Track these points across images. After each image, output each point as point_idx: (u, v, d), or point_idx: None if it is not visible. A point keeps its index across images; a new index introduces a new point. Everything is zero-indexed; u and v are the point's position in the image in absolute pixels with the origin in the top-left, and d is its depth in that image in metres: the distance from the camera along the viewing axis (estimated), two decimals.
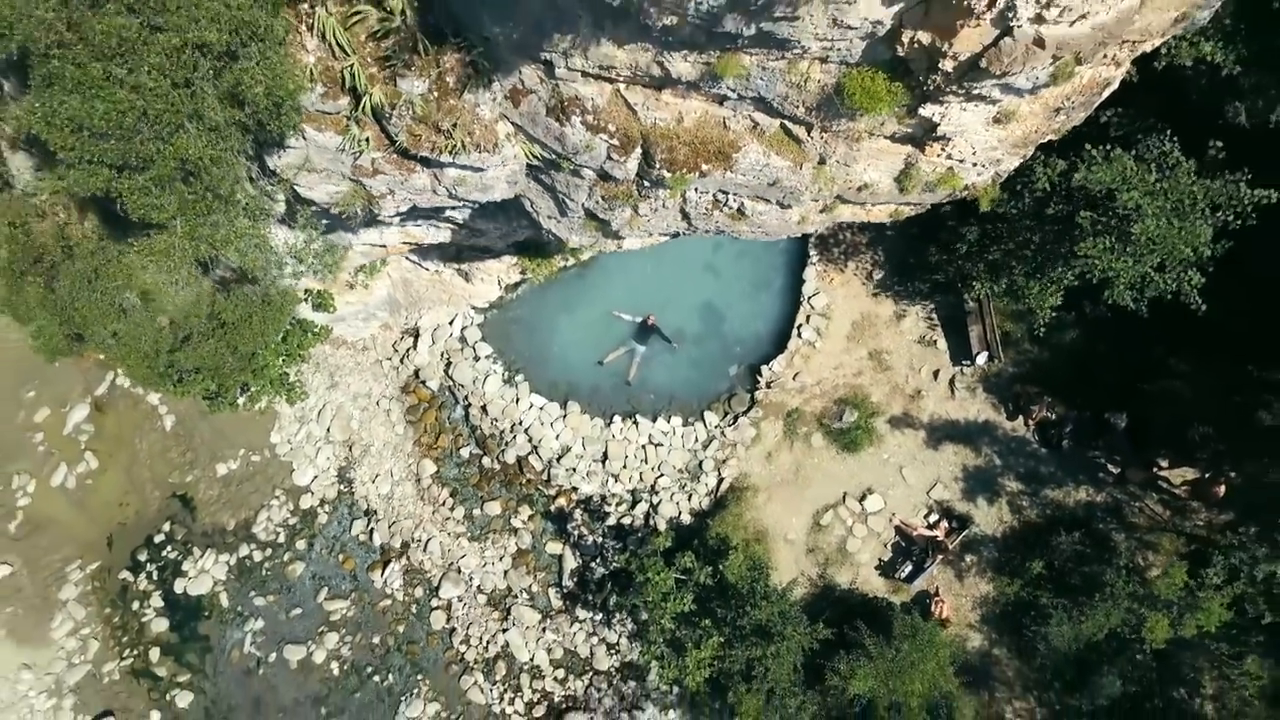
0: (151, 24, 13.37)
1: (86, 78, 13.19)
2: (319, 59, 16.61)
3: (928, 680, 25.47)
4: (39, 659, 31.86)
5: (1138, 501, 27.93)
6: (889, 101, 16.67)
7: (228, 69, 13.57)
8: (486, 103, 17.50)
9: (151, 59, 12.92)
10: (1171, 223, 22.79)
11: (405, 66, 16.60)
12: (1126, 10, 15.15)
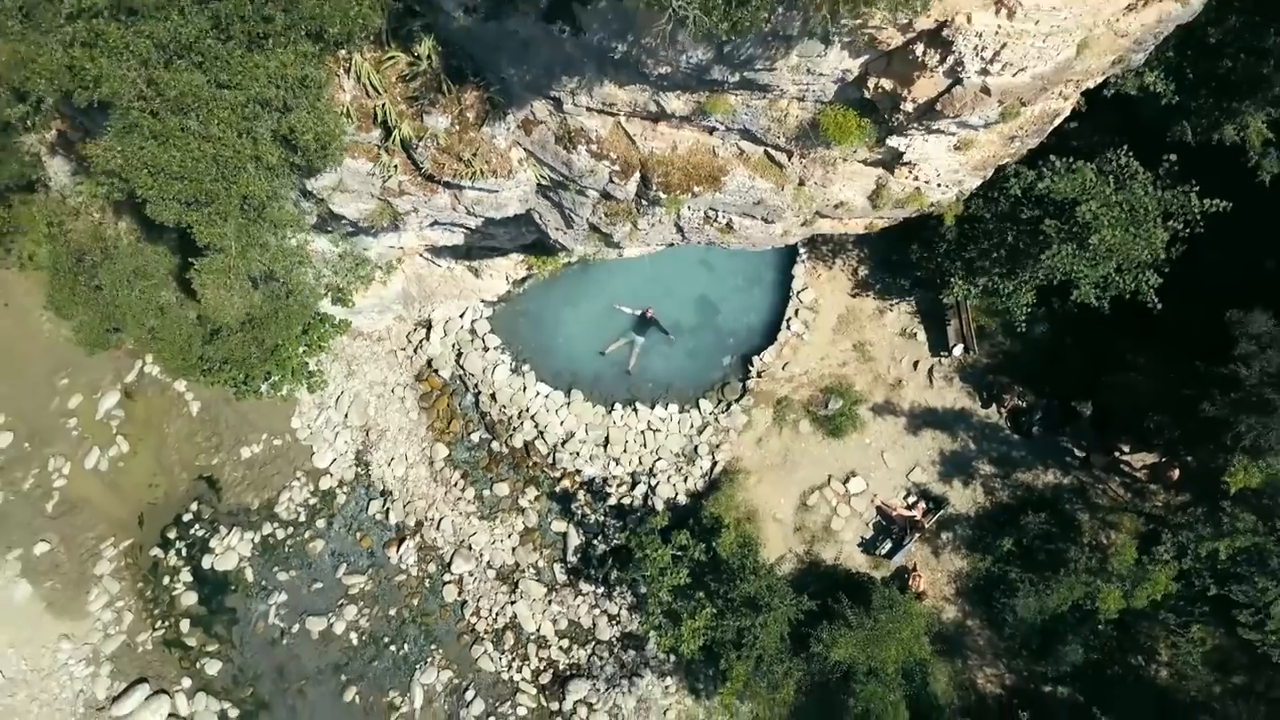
0: (218, 81, 16.00)
1: (164, 129, 15.84)
2: (354, 98, 19.25)
3: (903, 648, 28.35)
4: (77, 630, 34.75)
5: (1101, 484, 30.74)
6: (859, 134, 19.31)
7: (283, 119, 16.19)
8: (502, 133, 20.15)
9: (220, 114, 15.56)
10: (1128, 231, 25.40)
11: (431, 104, 19.23)
12: (1064, 61, 17.78)
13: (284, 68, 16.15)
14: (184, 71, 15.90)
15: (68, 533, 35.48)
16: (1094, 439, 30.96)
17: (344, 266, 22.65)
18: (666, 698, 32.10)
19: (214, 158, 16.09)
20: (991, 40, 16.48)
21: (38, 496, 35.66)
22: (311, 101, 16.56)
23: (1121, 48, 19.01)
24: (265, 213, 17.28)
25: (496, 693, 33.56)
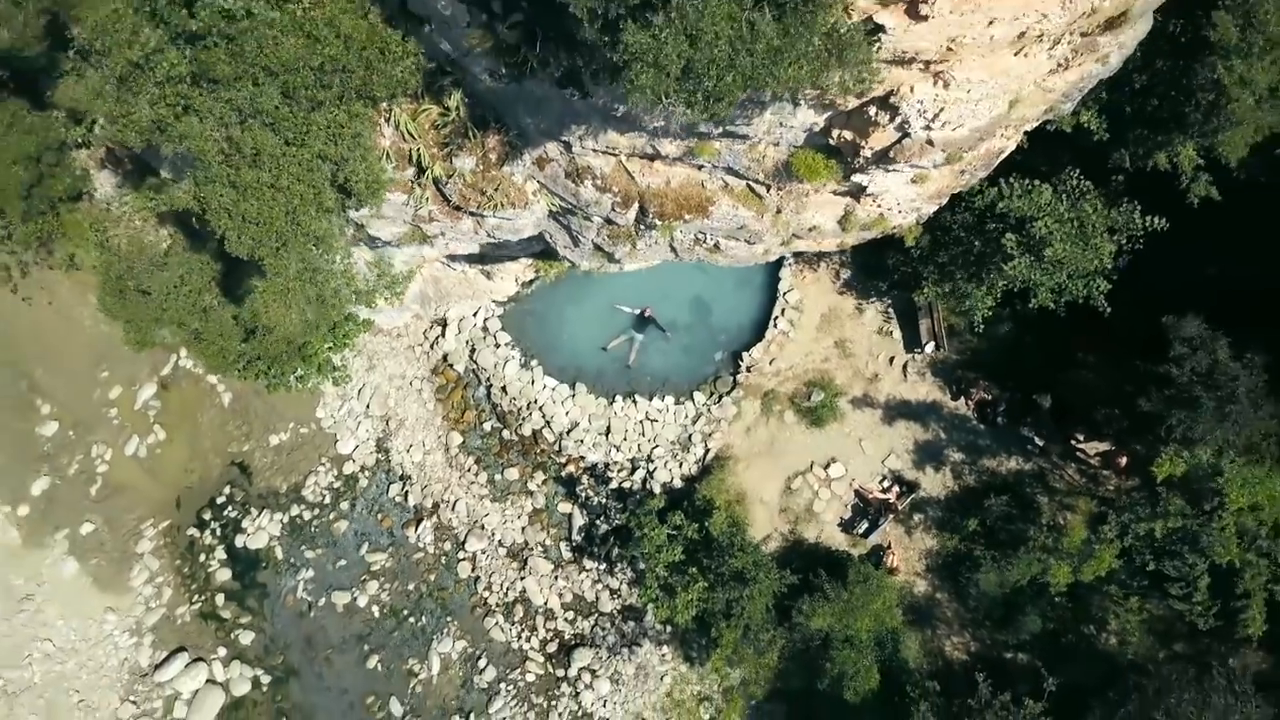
0: (286, 139, 19.92)
1: (242, 180, 19.77)
2: (392, 142, 23.19)
3: (876, 618, 32.50)
4: (121, 603, 38.95)
5: (1058, 470, 34.81)
6: (827, 173, 23.29)
7: (339, 169, 20.13)
8: (519, 171, 24.09)
9: (290, 168, 19.48)
10: (1077, 244, 29.31)
11: (459, 147, 23.16)
12: (996, 117, 21.73)
13: (340, 127, 20.03)
14: (258, 131, 19.79)
15: (110, 514, 39.58)
16: (1052, 429, 34.97)
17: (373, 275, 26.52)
18: (663, 664, 36.27)
19: (285, 205, 19.98)
20: (931, 105, 20.37)
21: (82, 481, 39.75)
22: (363, 154, 20.47)
23: (1050, 100, 22.95)
24: (321, 245, 21.22)
25: (507, 660, 37.72)
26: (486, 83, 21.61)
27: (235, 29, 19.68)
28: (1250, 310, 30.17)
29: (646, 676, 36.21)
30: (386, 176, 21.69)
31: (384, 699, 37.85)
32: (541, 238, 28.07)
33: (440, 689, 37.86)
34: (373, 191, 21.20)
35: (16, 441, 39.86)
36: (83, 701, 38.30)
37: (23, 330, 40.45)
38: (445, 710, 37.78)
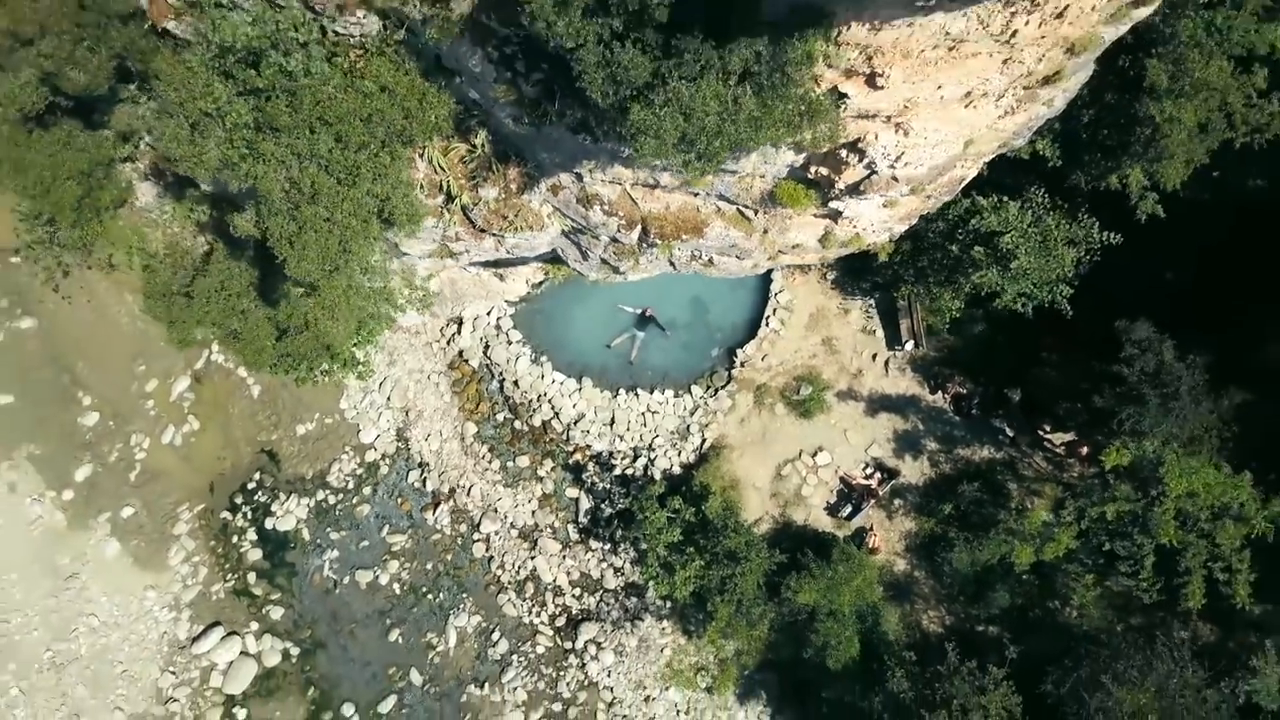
0: (338, 179, 24.01)
1: (301, 216, 23.86)
2: (425, 174, 27.27)
3: (857, 594, 36.70)
4: (160, 581, 43.27)
5: (1027, 458, 39.04)
6: (807, 201, 27.39)
7: (385, 205, 24.23)
8: (536, 198, 28.19)
9: (344, 206, 23.58)
10: (1040, 256, 33.38)
11: (483, 179, 27.25)
12: (953, 156, 25.82)
13: (384, 168, 24.11)
14: (316, 172, 23.87)
15: (149, 498, 43.87)
16: (1021, 421, 39.20)
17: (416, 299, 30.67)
18: (663, 637, 40.64)
19: (339, 236, 24.07)
20: (894, 149, 24.46)
21: (122, 467, 44.03)
22: (404, 191, 24.56)
23: (1003, 137, 27.04)
24: (368, 271, 25.33)
25: (519, 634, 42.07)
26: (509, 126, 25.68)
27: (295, 85, 23.71)
28: (1196, 315, 34.22)
29: (648, 648, 40.51)
30: (424, 209, 25.77)
31: (404, 669, 42.15)
32: (554, 250, 32.13)
33: (457, 660, 42.14)
34: (412, 222, 25.32)
35: (60, 431, 44.08)
36: (126, 672, 42.60)
37: (65, 327, 44.65)
38: (461, 680, 42.08)
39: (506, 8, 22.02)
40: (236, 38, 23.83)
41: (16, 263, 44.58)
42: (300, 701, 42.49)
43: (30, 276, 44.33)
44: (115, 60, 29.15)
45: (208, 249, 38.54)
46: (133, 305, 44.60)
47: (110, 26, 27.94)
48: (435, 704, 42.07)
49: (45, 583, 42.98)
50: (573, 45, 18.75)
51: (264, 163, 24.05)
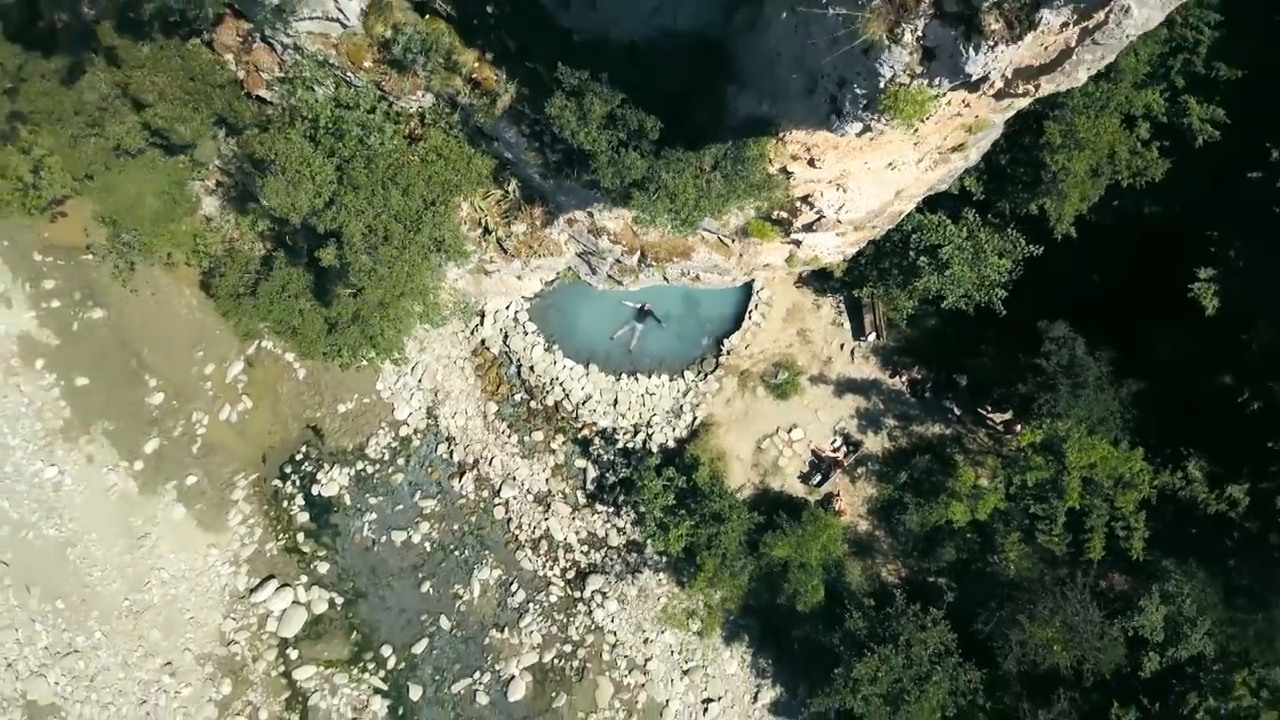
0: (405, 225, 33.33)
1: (379, 256, 33.13)
2: (468, 213, 36.62)
3: (823, 549, 46.32)
4: (220, 540, 52.91)
5: (971, 434, 48.60)
6: (773, 234, 36.78)
7: (441, 244, 33.59)
8: (556, 230, 37.58)
9: (412, 248, 32.92)
10: (974, 266, 42.61)
11: (514, 217, 36.64)
12: (887, 201, 35.12)
13: (441, 217, 33.44)
14: (388, 220, 33.17)
15: (209, 468, 53.38)
16: (967, 402, 48.75)
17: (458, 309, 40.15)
18: (659, 587, 50.44)
19: (406, 269, 33.37)
20: (836, 201, 33.84)
21: (185, 441, 53.49)
22: (455, 233, 33.91)
23: (929, 183, 36.37)
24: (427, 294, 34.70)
25: (534, 585, 51.82)
26: (536, 179, 35.00)
27: (370, 153, 32.96)
28: (1104, 316, 43.55)
29: (646, 597, 50.34)
30: (469, 244, 35.13)
31: (435, 616, 51.96)
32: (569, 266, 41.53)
33: (480, 608, 51.94)
34: (461, 255, 34.68)
35: (130, 409, 53.50)
36: (193, 618, 52.39)
37: (132, 317, 53.87)
38: (484, 625, 51.89)
39: (537, 101, 31.24)
40: (320, 111, 33.04)
41: (87, 259, 53.59)
42: (345, 644, 52.33)
43: (99, 272, 53.35)
44: (215, 118, 38.26)
45: (264, 253, 47.81)
46: (190, 298, 53.80)
47: (213, 93, 37.04)
48: (461, 646, 51.87)
49: (121, 542, 52.55)
50: (589, 149, 28.01)
51: (346, 211, 33.32)
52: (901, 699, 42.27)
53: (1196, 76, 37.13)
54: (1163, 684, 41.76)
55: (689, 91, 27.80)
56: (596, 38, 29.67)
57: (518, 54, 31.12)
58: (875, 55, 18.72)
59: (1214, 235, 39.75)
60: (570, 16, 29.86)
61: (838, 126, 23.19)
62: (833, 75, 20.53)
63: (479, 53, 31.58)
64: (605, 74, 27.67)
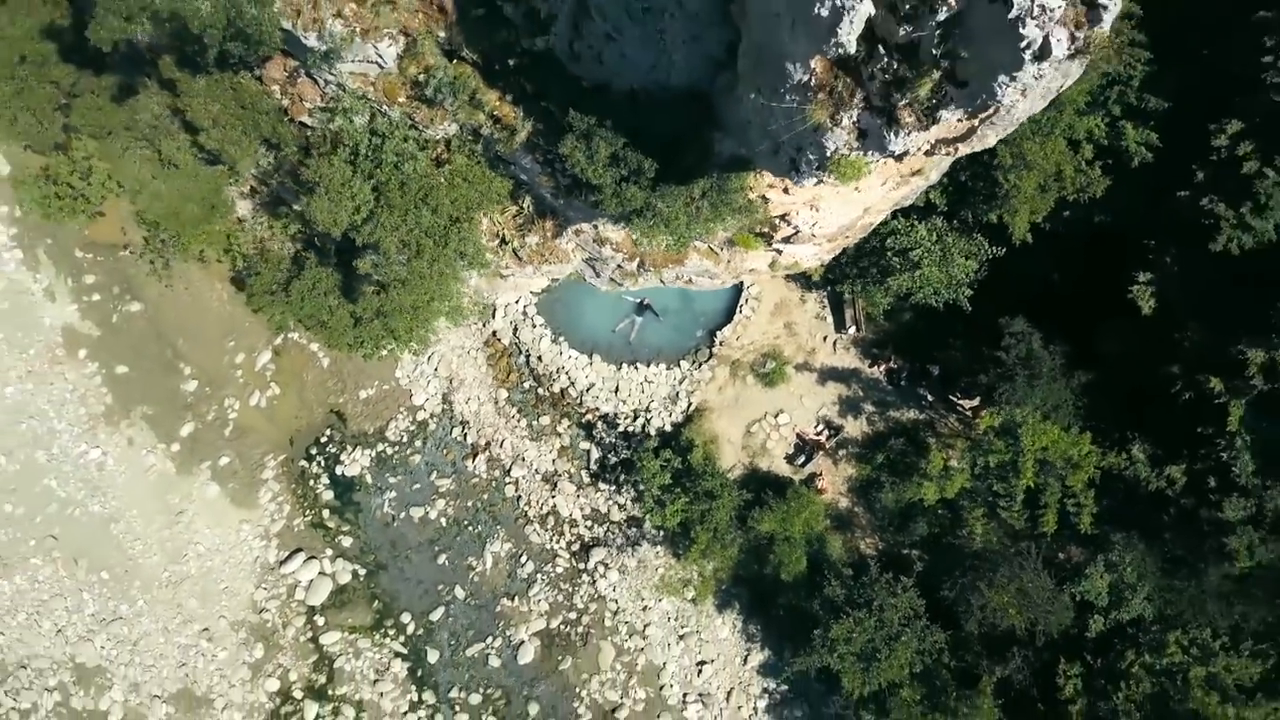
0: (435, 241, 39.93)
1: (412, 268, 39.71)
2: (487, 227, 43.24)
3: (806, 524, 53.12)
4: (252, 516, 59.77)
5: (943, 419, 55.32)
6: (757, 244, 43.44)
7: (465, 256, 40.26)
8: (565, 240, 44.19)
9: (442, 260, 39.52)
10: (942, 267, 49.23)
11: (528, 230, 43.27)
12: (856, 217, 41.76)
13: (465, 232, 40.04)
14: (420, 235, 39.73)
15: (241, 450, 60.18)
16: (939, 390, 55.49)
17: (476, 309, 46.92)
18: (657, 559, 57.32)
19: (436, 278, 39.97)
20: (810, 219, 40.45)
21: (218, 425, 60.28)
22: (477, 245, 40.53)
23: (895, 200, 42.92)
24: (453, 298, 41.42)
25: (542, 557, 58.70)
26: (548, 198, 41.56)
27: (403, 176, 39.51)
28: (1059, 314, 50.14)
29: (645, 567, 57.24)
30: (489, 256, 41.77)
31: (450, 586, 58.89)
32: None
33: (492, 579, 58.84)
34: (482, 264, 41.37)
35: (167, 395, 60.27)
36: (227, 588, 59.30)
37: (167, 310, 60.57)
38: (496, 594, 58.81)
39: (550, 135, 37.79)
40: (359, 139, 39.59)
41: (125, 256, 60.19)
42: (367, 611, 59.27)
43: (137, 268, 59.96)
44: (262, 141, 44.77)
45: (294, 253, 54.31)
46: (221, 292, 60.51)
47: (260, 119, 43.52)
48: (475, 613, 58.81)
49: (160, 518, 59.42)
50: (596, 183, 34.59)
51: (383, 228, 39.91)
52: (874, 657, 49.11)
53: (1131, 106, 43.63)
54: (1106, 643, 48.62)
55: (681, 135, 34.36)
56: (602, 84, 36.20)
57: (534, 96, 37.72)
58: (821, 133, 25.19)
59: (1151, 244, 46.25)
60: (580, 67, 36.39)
61: (797, 179, 29.62)
62: (791, 143, 26.98)
63: (500, 93, 38.15)
64: (610, 120, 34.17)
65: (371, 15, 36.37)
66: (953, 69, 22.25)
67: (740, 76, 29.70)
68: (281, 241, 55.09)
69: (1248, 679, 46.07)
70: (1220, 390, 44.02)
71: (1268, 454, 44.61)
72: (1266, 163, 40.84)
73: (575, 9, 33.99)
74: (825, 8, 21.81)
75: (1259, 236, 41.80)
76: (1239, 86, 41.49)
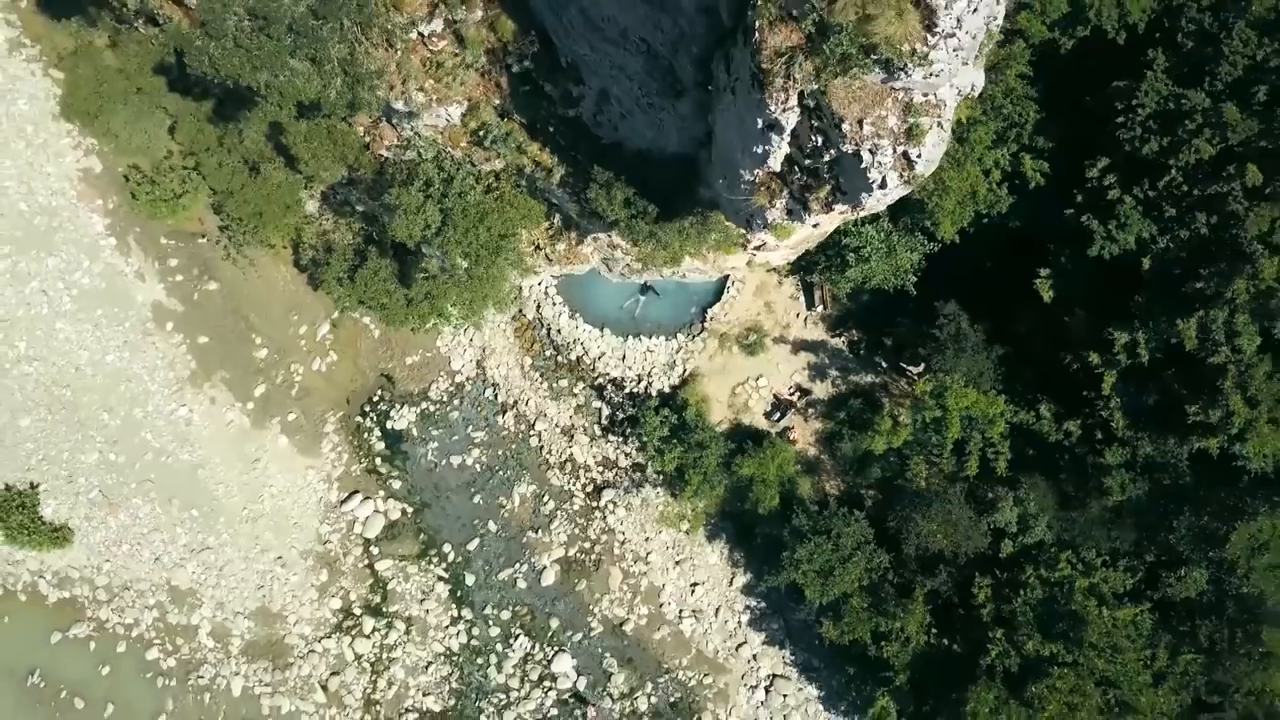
0: (490, 251, 58.57)
1: (474, 273, 58.21)
2: (526, 237, 61.87)
3: (779, 468, 72.01)
4: (316, 464, 78.97)
5: (895, 383, 74.10)
6: (734, 250, 62.29)
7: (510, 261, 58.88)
8: (585, 245, 62.80)
9: (495, 268, 58.09)
10: (888, 261, 67.78)
11: (558, 238, 61.83)
12: (809, 234, 60.49)
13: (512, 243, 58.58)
14: (480, 250, 58.19)
15: (305, 408, 79.27)
16: (891, 359, 74.39)
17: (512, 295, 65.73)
18: (657, 498, 76.74)
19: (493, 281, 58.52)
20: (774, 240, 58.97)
21: (286, 387, 79.29)
22: (519, 253, 59.08)
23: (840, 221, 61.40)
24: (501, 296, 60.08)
25: (561, 497, 78.03)
26: (574, 215, 60.04)
27: (465, 204, 57.91)
28: (983, 298, 68.64)
29: (647, 505, 76.62)
30: (528, 260, 60.25)
31: (484, 521, 78.33)
32: None
33: (519, 515, 78.17)
34: (523, 267, 59.93)
35: (241, 361, 79.16)
36: (296, 523, 78.66)
37: (240, 288, 79.25)
38: (522, 528, 78.19)
39: (578, 176, 56.19)
40: (431, 174, 57.95)
41: (202, 243, 78.59)
42: (414, 543, 78.64)
43: (212, 253, 78.39)
44: (346, 167, 63.03)
45: (357, 245, 72.68)
46: (285, 273, 79.20)
47: (347, 151, 61.75)
48: (504, 544, 78.26)
49: (239, 465, 78.55)
50: (613, 218, 53.08)
51: (450, 243, 58.28)
52: (830, 574, 68.31)
53: (1025, 144, 61.92)
54: (1014, 562, 67.69)
55: (675, 187, 52.78)
56: (617, 143, 54.56)
57: (566, 148, 56.03)
58: (764, 210, 43.52)
59: (1050, 247, 64.59)
60: (600, 130, 54.90)
61: (751, 231, 47.81)
62: (745, 211, 45.28)
63: (540, 145, 56.58)
64: (624, 175, 52.63)
65: (444, 89, 54.47)
66: (839, 184, 40.46)
67: (713, 164, 47.99)
68: (344, 235, 73.52)
69: (1120, 588, 65.24)
70: (1097, 363, 62.61)
71: (1135, 413, 63.38)
72: (1126, 191, 59.20)
73: (598, 95, 52.27)
74: (759, 148, 40.07)
75: (1122, 246, 60.14)
76: (1105, 133, 59.68)
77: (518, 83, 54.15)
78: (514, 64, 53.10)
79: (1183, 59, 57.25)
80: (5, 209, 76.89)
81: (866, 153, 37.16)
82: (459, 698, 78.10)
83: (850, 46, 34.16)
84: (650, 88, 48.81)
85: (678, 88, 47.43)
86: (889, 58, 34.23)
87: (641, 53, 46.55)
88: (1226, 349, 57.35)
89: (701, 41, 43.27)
